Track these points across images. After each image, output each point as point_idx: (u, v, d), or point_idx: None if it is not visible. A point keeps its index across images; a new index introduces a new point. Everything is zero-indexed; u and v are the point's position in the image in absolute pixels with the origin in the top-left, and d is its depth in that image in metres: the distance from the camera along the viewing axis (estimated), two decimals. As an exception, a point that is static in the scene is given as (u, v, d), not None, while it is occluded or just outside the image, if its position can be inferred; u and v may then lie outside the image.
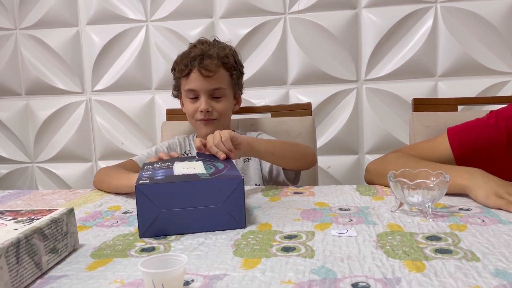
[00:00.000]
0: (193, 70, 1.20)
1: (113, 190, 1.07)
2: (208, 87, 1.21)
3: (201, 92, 1.21)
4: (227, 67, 1.24)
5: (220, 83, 1.22)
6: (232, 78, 1.26)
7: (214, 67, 1.19)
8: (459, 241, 0.65)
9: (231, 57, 1.25)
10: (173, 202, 0.72)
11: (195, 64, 1.19)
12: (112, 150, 2.10)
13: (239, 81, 1.29)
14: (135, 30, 2.00)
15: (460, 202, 0.87)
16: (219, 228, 0.74)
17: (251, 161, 1.26)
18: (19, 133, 2.15)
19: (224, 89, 1.23)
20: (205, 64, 1.19)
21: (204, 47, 1.23)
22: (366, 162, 1.97)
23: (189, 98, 1.24)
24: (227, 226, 0.74)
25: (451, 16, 1.82)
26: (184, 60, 1.22)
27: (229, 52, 1.26)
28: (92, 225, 0.82)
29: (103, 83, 2.06)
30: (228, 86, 1.25)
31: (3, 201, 1.04)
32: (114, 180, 1.06)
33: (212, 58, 1.20)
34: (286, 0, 1.90)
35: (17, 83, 2.12)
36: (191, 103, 1.24)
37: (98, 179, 1.13)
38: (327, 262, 0.60)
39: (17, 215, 0.66)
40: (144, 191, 0.71)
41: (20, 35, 2.07)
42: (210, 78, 1.20)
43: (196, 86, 1.21)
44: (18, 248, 0.54)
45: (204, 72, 1.19)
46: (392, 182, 0.80)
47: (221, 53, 1.22)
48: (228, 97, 1.25)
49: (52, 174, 2.17)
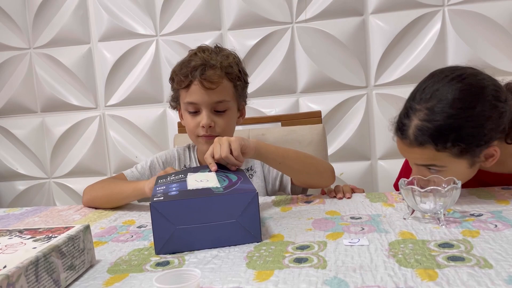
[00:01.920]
0: (193, 82, 1.08)
1: (114, 203, 1.08)
2: (211, 100, 1.08)
3: (202, 106, 1.09)
4: (231, 78, 1.11)
5: (223, 96, 1.09)
6: (236, 89, 1.13)
7: (217, 78, 1.07)
8: (472, 248, 0.65)
9: (235, 66, 1.12)
10: (188, 219, 0.73)
11: (196, 75, 1.07)
12: (126, 163, 2.13)
13: (243, 92, 1.17)
14: (146, 45, 2.04)
15: (471, 208, 0.86)
16: (235, 243, 0.74)
17: (255, 177, 1.19)
18: (36, 150, 2.20)
19: (228, 101, 1.11)
20: (207, 75, 1.06)
21: (205, 55, 1.10)
22: (380, 168, 1.96)
23: (189, 111, 1.11)
24: (243, 241, 0.74)
25: (459, 19, 1.81)
26: (183, 70, 1.10)
27: (233, 60, 1.13)
28: (108, 240, 0.83)
29: (116, 98, 2.10)
30: (232, 98, 1.12)
31: (21, 218, 1.07)
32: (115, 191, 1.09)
33: (215, 68, 1.08)
34: (293, 9, 1.91)
35: (33, 101, 2.17)
36: (192, 118, 1.11)
37: (92, 197, 1.12)
38: (339, 272, 0.60)
39: (35, 233, 0.67)
40: (159, 209, 0.72)
41: (34, 54, 2.13)
42: (213, 90, 1.07)
43: (197, 99, 1.09)
44: (37, 266, 0.56)
45: (206, 84, 1.06)
46: (403, 190, 0.80)
47: (224, 62, 1.10)
48: (232, 110, 1.13)
49: (68, 189, 2.21)
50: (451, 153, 0.88)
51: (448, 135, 0.86)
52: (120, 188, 1.10)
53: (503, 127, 0.90)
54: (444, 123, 0.86)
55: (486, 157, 0.91)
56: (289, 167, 1.04)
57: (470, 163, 0.91)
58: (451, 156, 0.88)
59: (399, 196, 0.97)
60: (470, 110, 0.86)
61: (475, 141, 0.87)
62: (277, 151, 1.01)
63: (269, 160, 1.01)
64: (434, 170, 0.91)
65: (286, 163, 1.02)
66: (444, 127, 0.86)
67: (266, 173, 1.20)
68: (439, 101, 0.87)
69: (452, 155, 0.88)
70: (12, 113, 2.19)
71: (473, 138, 0.87)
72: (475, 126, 0.86)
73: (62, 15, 2.06)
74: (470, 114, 0.86)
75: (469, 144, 0.87)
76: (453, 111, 0.86)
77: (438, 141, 0.87)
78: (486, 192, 0.97)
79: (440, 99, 0.88)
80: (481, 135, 0.87)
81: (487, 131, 0.87)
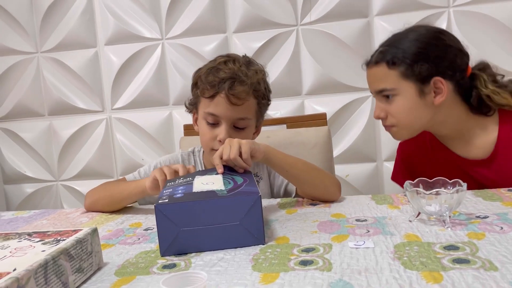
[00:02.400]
0: (220, 94, 1.04)
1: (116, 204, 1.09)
2: (233, 116, 1.05)
3: (223, 119, 1.05)
4: (257, 95, 1.09)
5: (246, 113, 1.07)
6: (260, 107, 1.12)
7: (245, 95, 1.04)
8: (477, 250, 0.65)
9: (262, 83, 1.10)
10: (192, 221, 0.74)
11: (223, 87, 1.03)
12: (132, 166, 2.14)
13: (265, 109, 1.16)
14: (152, 48, 2.05)
15: (476, 210, 0.86)
16: (238, 245, 0.75)
17: (261, 183, 1.18)
18: (43, 153, 2.22)
19: (249, 119, 1.09)
20: (236, 91, 1.03)
21: (236, 67, 1.06)
22: (385, 169, 1.96)
23: (208, 122, 1.08)
24: (246, 243, 0.75)
25: (465, 20, 1.80)
26: (210, 78, 1.05)
27: (262, 77, 1.11)
28: (115, 243, 0.84)
29: (122, 101, 2.11)
30: (253, 116, 1.10)
31: (30, 221, 1.08)
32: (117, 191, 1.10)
33: (244, 85, 1.04)
34: (298, 12, 1.92)
35: (40, 104, 2.19)
36: (209, 129, 1.08)
37: (94, 199, 1.13)
38: (344, 275, 0.61)
39: (44, 236, 0.68)
40: (163, 210, 0.73)
41: (41, 58, 2.15)
42: (238, 106, 1.04)
43: (219, 112, 1.05)
44: (46, 269, 0.57)
45: (232, 99, 1.03)
46: (409, 192, 0.80)
47: (253, 79, 1.06)
48: (250, 128, 1.11)
49: (75, 192, 2.22)
50: (400, 72, 1.04)
51: (397, 52, 1.06)
52: (121, 188, 1.10)
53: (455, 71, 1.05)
54: (399, 45, 1.07)
55: (434, 91, 1.04)
56: (295, 176, 1.05)
57: (419, 91, 1.05)
58: (400, 77, 1.04)
59: (405, 199, 0.97)
60: (423, 37, 1.06)
61: (420, 60, 1.03)
62: (286, 159, 1.02)
63: (277, 166, 1.02)
64: (389, 98, 1.08)
65: (293, 172, 1.03)
66: (397, 47, 1.07)
67: (271, 180, 1.20)
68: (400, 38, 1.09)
69: (400, 75, 1.04)
70: (20, 117, 2.21)
71: (418, 56, 1.03)
72: (421, 47, 1.04)
73: (69, 19, 2.08)
74: (421, 40, 1.05)
75: (415, 62, 1.03)
76: (409, 39, 1.07)
77: (389, 58, 1.06)
78: (492, 194, 0.97)
79: (401, 38, 1.09)
80: (426, 57, 1.03)
81: (432, 58, 1.03)
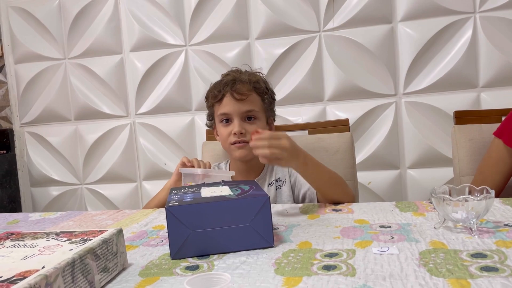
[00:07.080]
0: (225, 95, 1.23)
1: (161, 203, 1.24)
2: (241, 109, 1.22)
3: (234, 115, 1.23)
4: (259, 92, 1.26)
5: (252, 106, 1.24)
6: (264, 103, 1.28)
7: (246, 90, 1.23)
8: (506, 258, 0.64)
9: (262, 83, 1.28)
10: (202, 223, 0.74)
11: (227, 88, 1.22)
12: (155, 170, 2.17)
13: (271, 106, 1.31)
14: (175, 55, 2.08)
15: (504, 218, 0.84)
16: (247, 247, 0.75)
17: (284, 187, 1.28)
18: (69, 157, 2.27)
19: (257, 111, 1.25)
20: (237, 88, 1.22)
21: (236, 73, 1.27)
22: (409, 176, 1.93)
23: (223, 123, 1.26)
24: (255, 245, 0.76)
25: (491, 26, 1.77)
26: (217, 87, 1.26)
27: (260, 78, 1.29)
28: (139, 245, 0.85)
29: (146, 106, 2.15)
30: (260, 110, 1.26)
31: (56, 222, 1.10)
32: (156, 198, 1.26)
33: (244, 83, 1.23)
34: (321, 18, 1.92)
35: (67, 109, 2.25)
36: (225, 128, 1.25)
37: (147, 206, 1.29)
38: (368, 280, 0.60)
39: (71, 236, 0.70)
40: (174, 213, 0.74)
41: (69, 64, 2.21)
42: (243, 101, 1.22)
43: (228, 110, 1.23)
44: (73, 267, 0.58)
45: (236, 95, 1.22)
46: (434, 199, 0.79)
47: (252, 78, 1.26)
48: (261, 120, 1.27)
49: (99, 195, 2.27)
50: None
51: None
52: (159, 195, 1.26)
53: None
54: None
55: None
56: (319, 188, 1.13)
57: None
58: None
59: (430, 206, 0.96)
60: None
61: None
62: (316, 168, 1.09)
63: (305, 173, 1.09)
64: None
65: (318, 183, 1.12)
66: None
67: (292, 184, 1.28)
68: None
69: None
70: (47, 121, 2.28)
71: None
72: None
73: (95, 26, 2.14)
74: None
75: None
76: None
77: None
78: (521, 202, 0.94)
79: None
80: None
81: None
